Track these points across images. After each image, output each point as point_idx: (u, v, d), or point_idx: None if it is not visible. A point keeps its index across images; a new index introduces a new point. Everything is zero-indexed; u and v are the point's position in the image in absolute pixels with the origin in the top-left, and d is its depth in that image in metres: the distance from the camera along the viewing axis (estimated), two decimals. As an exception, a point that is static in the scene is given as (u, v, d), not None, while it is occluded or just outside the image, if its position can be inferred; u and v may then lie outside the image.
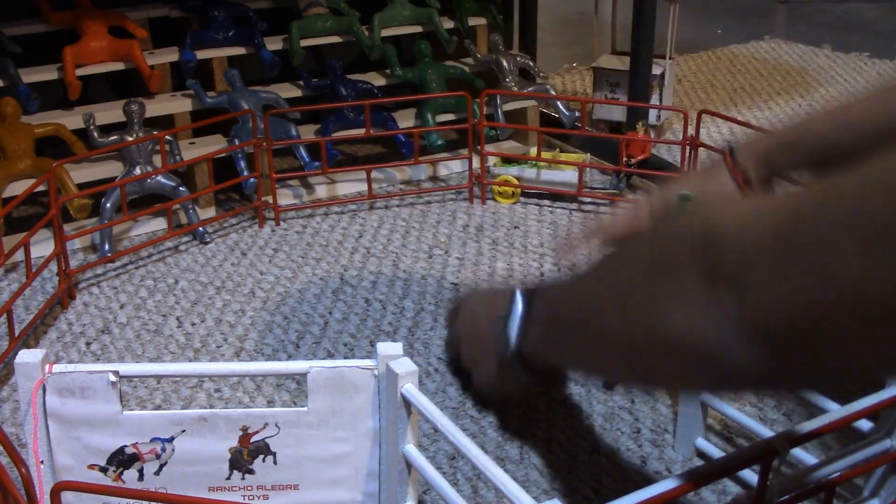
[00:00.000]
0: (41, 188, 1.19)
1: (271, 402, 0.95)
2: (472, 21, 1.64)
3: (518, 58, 1.63)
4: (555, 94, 1.68)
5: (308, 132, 1.48)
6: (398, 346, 0.67)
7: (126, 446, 0.69)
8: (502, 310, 0.78)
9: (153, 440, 0.69)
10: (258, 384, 0.97)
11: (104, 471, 0.70)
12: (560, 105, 1.61)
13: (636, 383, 0.84)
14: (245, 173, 1.35)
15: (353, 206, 1.43)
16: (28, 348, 0.82)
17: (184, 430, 0.69)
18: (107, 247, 1.24)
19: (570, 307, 0.64)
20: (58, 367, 0.67)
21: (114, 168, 1.31)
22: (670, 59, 1.65)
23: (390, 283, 1.19)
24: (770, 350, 0.43)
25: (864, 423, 0.70)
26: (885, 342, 0.38)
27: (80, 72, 1.34)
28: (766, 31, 2.58)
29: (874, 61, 2.27)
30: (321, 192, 1.47)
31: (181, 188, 1.29)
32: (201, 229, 1.31)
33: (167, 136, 1.31)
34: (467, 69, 1.61)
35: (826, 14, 2.85)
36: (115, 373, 0.67)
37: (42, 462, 0.68)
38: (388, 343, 0.68)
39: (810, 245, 0.39)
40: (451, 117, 1.55)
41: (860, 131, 0.75)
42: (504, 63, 1.59)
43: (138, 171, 1.27)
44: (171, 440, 0.69)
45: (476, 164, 1.46)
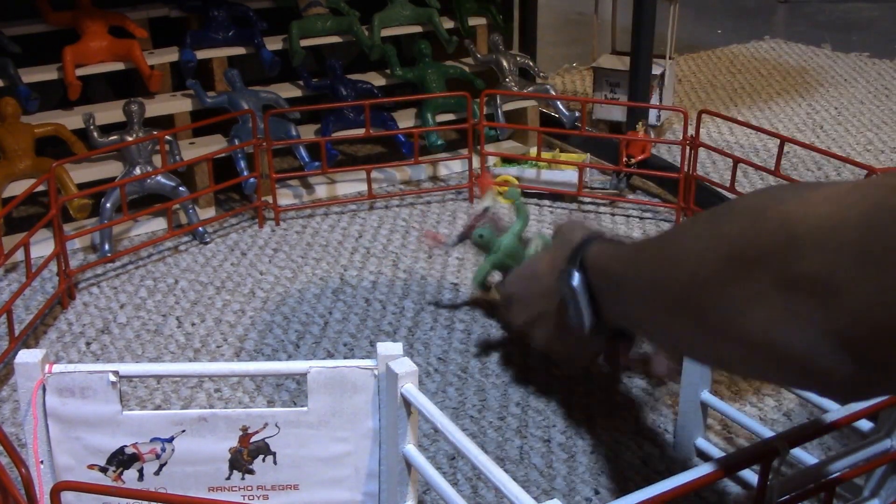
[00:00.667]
0: (41, 188, 1.19)
1: (271, 402, 0.95)
2: (472, 21, 1.64)
3: (518, 58, 1.63)
4: (555, 94, 1.67)
5: (308, 132, 1.48)
6: (398, 346, 0.67)
7: (126, 446, 0.69)
8: (561, 283, 0.77)
9: (153, 440, 0.69)
10: (258, 384, 0.97)
11: (104, 471, 0.70)
12: (560, 105, 1.61)
13: (714, 366, 0.80)
14: (245, 173, 1.35)
15: (353, 206, 1.43)
16: (28, 348, 0.82)
17: (184, 430, 0.69)
18: (107, 247, 1.24)
19: (636, 282, 0.61)
20: (58, 367, 0.67)
21: (114, 168, 1.31)
22: (670, 59, 1.65)
23: (390, 283, 1.19)
24: (853, 357, 0.41)
25: (864, 423, 0.70)
26: None
27: (80, 72, 1.34)
28: (766, 31, 2.58)
29: (874, 61, 2.27)
30: (321, 192, 1.47)
31: (181, 188, 1.29)
32: (201, 229, 1.31)
33: (167, 136, 1.30)
34: (467, 69, 1.61)
35: (826, 14, 2.85)
36: (115, 373, 0.67)
37: (42, 462, 0.68)
38: (388, 343, 0.68)
39: None
40: (451, 117, 1.55)
41: None
42: (504, 63, 1.59)
43: (138, 171, 1.27)
44: (170, 440, 0.69)
45: (476, 163, 1.46)
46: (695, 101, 1.98)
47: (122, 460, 0.69)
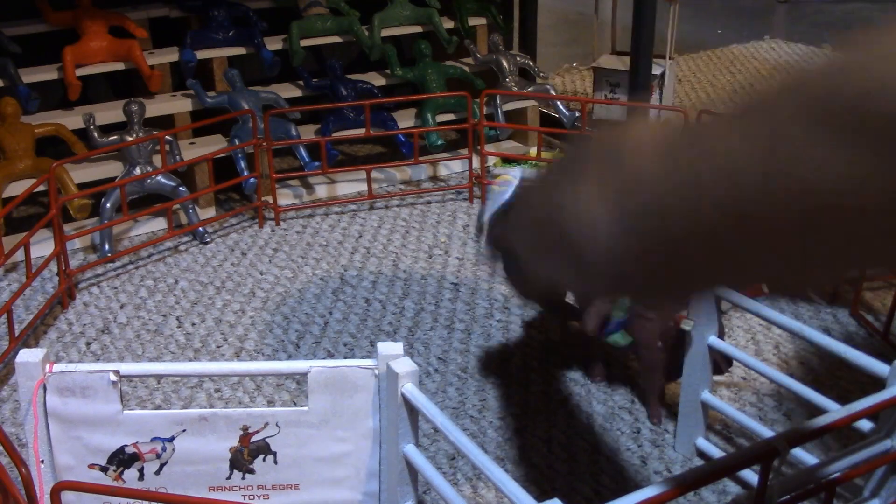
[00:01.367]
0: (41, 188, 1.19)
1: (271, 402, 0.95)
2: (472, 21, 1.64)
3: (518, 58, 1.63)
4: (555, 94, 1.67)
5: (308, 132, 1.48)
6: (398, 346, 0.67)
7: (126, 446, 0.69)
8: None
9: (153, 440, 0.69)
10: (258, 384, 0.97)
11: (104, 470, 0.70)
12: (560, 105, 1.61)
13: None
14: (245, 173, 1.35)
15: (353, 206, 1.43)
16: (28, 348, 0.82)
17: (184, 430, 0.69)
18: (107, 247, 1.24)
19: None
20: (58, 367, 0.67)
21: (114, 168, 1.31)
22: (670, 59, 1.65)
23: (390, 283, 1.19)
24: (637, 238, 0.40)
25: (865, 424, 0.70)
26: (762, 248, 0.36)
27: (80, 72, 1.34)
28: (765, 31, 2.58)
29: (874, 61, 2.27)
30: (321, 192, 1.47)
31: (181, 188, 1.29)
32: (201, 229, 1.31)
33: (167, 136, 1.30)
34: (467, 69, 1.61)
35: (826, 14, 2.85)
36: (116, 372, 0.67)
37: (42, 461, 0.68)
38: (389, 343, 0.68)
39: (702, 133, 0.37)
40: (451, 117, 1.55)
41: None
42: (504, 63, 1.59)
43: (138, 171, 1.27)
44: (171, 440, 0.69)
45: (476, 163, 1.46)
46: (695, 101, 1.98)
47: (122, 460, 0.69)
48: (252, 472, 0.71)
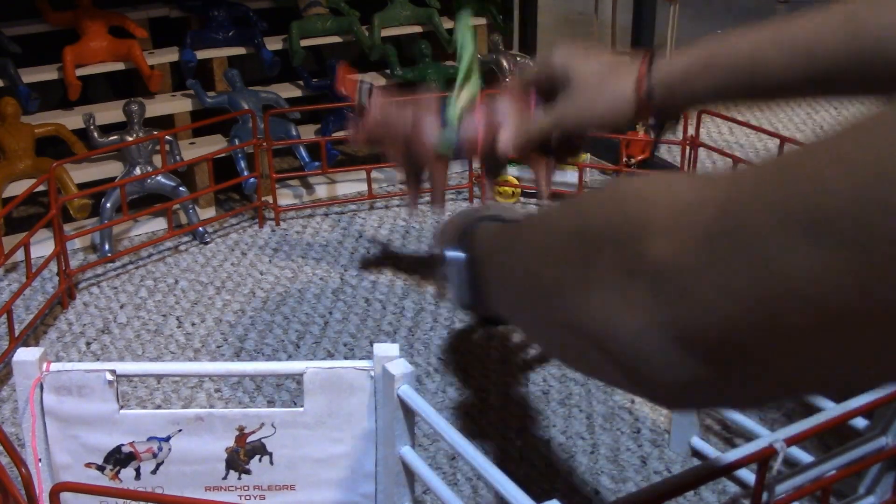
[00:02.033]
0: (41, 188, 1.19)
1: (271, 403, 0.95)
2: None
3: (518, 58, 1.63)
4: (555, 93, 1.67)
5: (308, 132, 1.48)
6: (395, 348, 0.67)
7: (123, 445, 0.69)
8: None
9: (150, 439, 0.69)
10: (258, 384, 0.97)
11: (101, 469, 0.70)
12: (560, 105, 1.61)
13: (559, 359, 0.69)
14: (245, 173, 1.35)
15: (353, 206, 1.43)
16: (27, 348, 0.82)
17: (180, 430, 0.69)
18: (107, 247, 1.24)
19: (502, 256, 0.57)
20: (55, 366, 0.67)
21: (114, 168, 1.32)
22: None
23: (390, 283, 1.19)
24: (704, 359, 0.36)
25: (860, 421, 0.70)
26: (836, 351, 0.32)
27: (80, 72, 1.34)
28: (767, 31, 2.57)
29: (875, 61, 2.27)
30: (321, 192, 1.47)
31: (181, 188, 1.30)
32: (201, 229, 1.31)
33: (167, 136, 1.31)
34: (467, 69, 1.61)
35: (827, 14, 2.84)
36: (112, 371, 0.67)
37: (40, 460, 0.68)
38: (385, 344, 0.68)
39: (751, 237, 0.32)
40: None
41: (806, 55, 0.61)
42: (504, 63, 1.59)
43: (138, 171, 1.27)
44: (167, 439, 0.69)
45: (476, 164, 1.46)
46: (695, 101, 1.97)
47: (119, 459, 0.70)
48: (248, 472, 0.71)
